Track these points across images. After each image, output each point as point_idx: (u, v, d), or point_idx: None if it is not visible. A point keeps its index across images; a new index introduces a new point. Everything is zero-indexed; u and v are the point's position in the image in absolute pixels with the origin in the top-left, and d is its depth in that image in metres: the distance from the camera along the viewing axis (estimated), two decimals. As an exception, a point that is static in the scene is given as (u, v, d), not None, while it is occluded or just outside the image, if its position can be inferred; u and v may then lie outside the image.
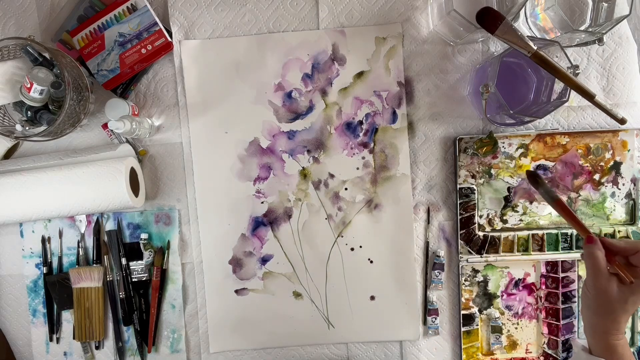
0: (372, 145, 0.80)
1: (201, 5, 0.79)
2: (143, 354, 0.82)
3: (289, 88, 0.80)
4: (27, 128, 0.73)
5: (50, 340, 0.83)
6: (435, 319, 0.81)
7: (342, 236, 0.81)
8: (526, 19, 0.74)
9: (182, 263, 0.82)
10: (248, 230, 0.81)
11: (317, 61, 0.80)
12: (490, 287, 0.81)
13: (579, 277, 0.79)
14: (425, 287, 0.82)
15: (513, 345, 0.81)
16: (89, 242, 0.82)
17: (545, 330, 0.81)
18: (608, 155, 0.78)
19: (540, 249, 0.79)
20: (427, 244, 0.81)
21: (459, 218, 0.79)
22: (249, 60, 0.80)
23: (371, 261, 0.81)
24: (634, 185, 0.78)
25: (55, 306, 0.82)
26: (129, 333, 0.83)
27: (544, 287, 0.80)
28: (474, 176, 0.79)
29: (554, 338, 0.80)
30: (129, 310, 0.81)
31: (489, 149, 0.77)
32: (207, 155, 0.81)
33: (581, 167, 0.78)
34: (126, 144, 0.80)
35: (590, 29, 0.72)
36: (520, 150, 0.79)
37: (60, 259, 0.82)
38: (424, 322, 0.81)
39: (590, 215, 0.79)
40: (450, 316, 0.82)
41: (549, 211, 0.79)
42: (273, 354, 0.83)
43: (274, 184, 0.81)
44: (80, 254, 0.82)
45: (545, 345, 0.81)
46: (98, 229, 0.82)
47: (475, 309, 0.81)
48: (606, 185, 0.79)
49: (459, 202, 0.79)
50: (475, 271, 0.81)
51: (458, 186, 0.79)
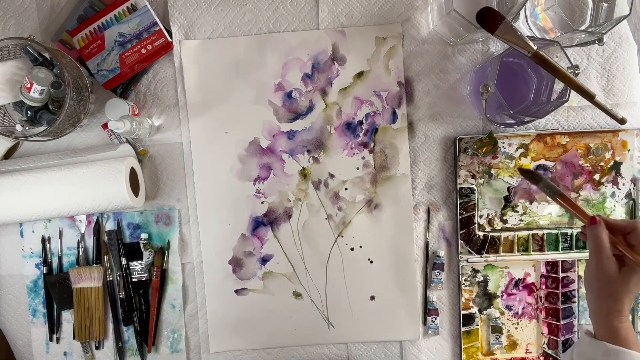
0: (372, 145, 0.80)
1: (201, 5, 0.79)
2: (143, 354, 0.82)
3: (289, 88, 0.80)
4: (27, 128, 0.73)
5: (50, 340, 0.83)
6: (435, 319, 0.81)
7: (342, 236, 0.81)
8: (526, 19, 0.74)
9: (182, 263, 0.82)
10: (248, 230, 0.81)
11: (317, 61, 0.80)
12: (490, 287, 0.81)
13: (579, 277, 0.79)
14: (425, 287, 0.82)
15: (513, 345, 0.81)
16: (89, 242, 0.82)
17: (545, 330, 0.81)
18: (608, 155, 0.78)
19: (540, 249, 0.79)
20: (427, 244, 0.81)
21: (459, 218, 0.79)
22: (249, 60, 0.80)
23: (371, 261, 0.81)
24: (634, 185, 0.78)
25: (55, 306, 0.82)
26: (129, 333, 0.83)
27: (544, 287, 0.80)
28: (474, 176, 0.79)
29: (554, 338, 0.80)
30: (129, 310, 0.81)
31: (489, 149, 0.77)
32: (207, 155, 0.81)
33: (581, 167, 0.78)
34: (126, 144, 0.80)
35: (590, 29, 0.72)
36: (520, 150, 0.79)
37: (60, 259, 0.82)
38: (424, 322, 0.81)
39: (590, 215, 0.79)
40: (450, 316, 0.82)
41: (549, 211, 0.79)
42: (273, 354, 0.83)
43: (274, 184, 0.81)
44: (80, 254, 0.82)
45: (545, 345, 0.81)
46: (98, 229, 0.82)
47: (475, 309, 0.81)
48: (606, 185, 0.79)
49: (459, 202, 0.79)
50: (475, 271, 0.81)
51: (458, 186, 0.79)
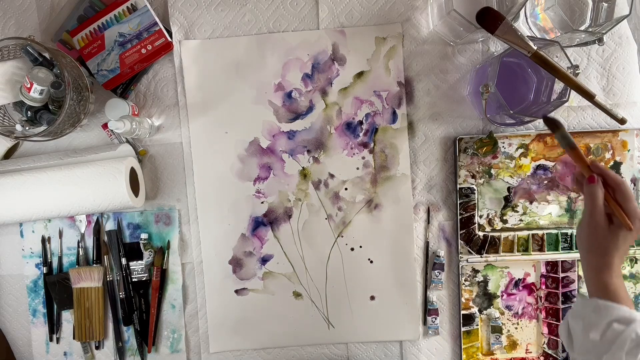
0: (372, 145, 0.80)
1: (201, 5, 0.79)
2: (143, 354, 0.82)
3: (289, 88, 0.80)
4: (27, 128, 0.73)
5: (50, 340, 0.83)
6: (435, 319, 0.81)
7: (342, 236, 0.81)
8: (526, 19, 0.74)
9: (182, 263, 0.82)
10: (248, 230, 0.81)
11: (317, 61, 0.80)
12: (490, 287, 0.81)
13: (579, 277, 0.79)
14: (425, 287, 0.82)
15: (513, 345, 0.81)
16: (89, 242, 0.82)
17: (545, 330, 0.81)
18: (608, 155, 0.78)
19: (540, 249, 0.79)
20: (427, 244, 0.81)
21: (459, 218, 0.79)
22: (249, 60, 0.80)
23: (371, 261, 0.81)
24: (634, 185, 0.78)
25: (55, 306, 0.82)
26: (129, 333, 0.83)
27: (544, 287, 0.80)
28: (474, 176, 0.79)
29: (554, 338, 0.80)
30: (129, 310, 0.81)
31: (489, 149, 0.77)
32: (207, 155, 0.81)
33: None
34: (126, 144, 0.80)
35: (590, 29, 0.72)
36: (520, 150, 0.79)
37: (60, 259, 0.82)
38: (424, 322, 0.81)
39: (590, 215, 0.79)
40: (450, 316, 0.82)
41: (549, 211, 0.79)
42: (273, 354, 0.83)
43: (274, 184, 0.81)
44: (80, 254, 0.82)
45: (545, 345, 0.81)
46: (98, 229, 0.82)
47: (475, 309, 0.81)
48: (606, 185, 0.79)
49: (459, 202, 0.79)
50: (475, 271, 0.81)
51: (458, 186, 0.79)
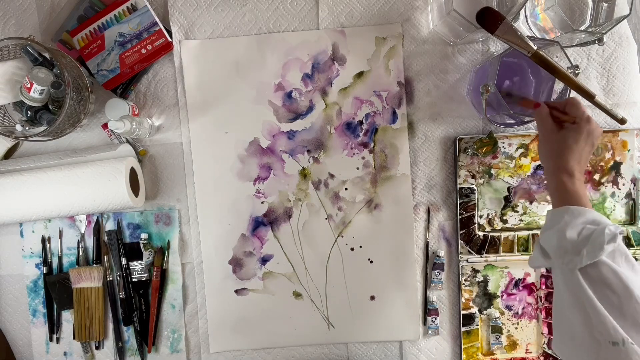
0: (372, 145, 0.80)
1: (201, 5, 0.79)
2: (143, 354, 0.82)
3: (289, 88, 0.80)
4: (27, 128, 0.73)
5: (50, 340, 0.83)
6: (435, 319, 0.81)
7: (342, 236, 0.81)
8: (526, 19, 0.74)
9: (182, 263, 0.82)
10: (248, 230, 0.81)
11: (317, 61, 0.80)
12: (490, 287, 0.81)
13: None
14: (425, 287, 0.82)
15: (513, 345, 0.81)
16: (89, 242, 0.82)
17: (545, 330, 0.81)
18: (608, 155, 0.78)
19: (540, 249, 0.79)
20: (427, 244, 0.81)
21: (459, 218, 0.79)
22: (249, 60, 0.80)
23: (371, 261, 0.81)
24: (634, 185, 0.78)
25: (55, 306, 0.82)
26: (129, 333, 0.83)
27: (544, 287, 0.80)
28: (474, 176, 0.79)
29: (554, 338, 0.80)
30: (129, 310, 0.81)
31: (489, 149, 0.77)
32: (207, 155, 0.81)
33: (581, 167, 0.78)
34: (126, 144, 0.80)
35: (590, 29, 0.72)
36: (520, 150, 0.79)
37: (60, 259, 0.82)
38: (424, 322, 0.81)
39: (590, 215, 0.79)
40: (450, 316, 0.82)
41: (549, 211, 0.79)
42: (273, 354, 0.83)
43: (274, 184, 0.81)
44: (80, 254, 0.82)
45: (545, 345, 0.81)
46: (98, 229, 0.82)
47: (475, 309, 0.81)
48: (606, 185, 0.79)
49: (459, 202, 0.79)
50: (475, 271, 0.81)
51: (458, 186, 0.79)
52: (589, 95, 0.64)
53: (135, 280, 0.81)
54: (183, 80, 0.80)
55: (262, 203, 0.81)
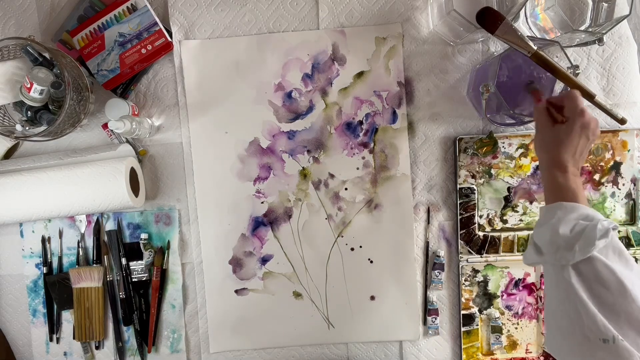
0: (372, 145, 0.80)
1: (201, 5, 0.79)
2: (143, 354, 0.82)
3: (289, 88, 0.80)
4: (27, 128, 0.73)
5: (50, 340, 0.83)
6: (435, 319, 0.81)
7: (342, 236, 0.81)
8: (526, 19, 0.74)
9: (182, 263, 0.82)
10: (248, 230, 0.81)
11: (317, 61, 0.80)
12: (490, 287, 0.81)
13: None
14: (425, 287, 0.82)
15: (513, 345, 0.81)
16: (89, 242, 0.82)
17: (545, 330, 0.81)
18: (608, 155, 0.78)
19: (540, 249, 0.79)
20: (427, 244, 0.81)
21: (459, 218, 0.79)
22: (249, 60, 0.80)
23: (371, 261, 0.81)
24: (634, 185, 0.78)
25: (55, 306, 0.82)
26: (129, 333, 0.83)
27: (544, 287, 0.80)
28: (474, 176, 0.79)
29: (554, 338, 0.80)
30: (129, 310, 0.81)
31: (489, 149, 0.77)
32: (207, 155, 0.81)
33: (581, 167, 0.78)
34: (126, 144, 0.80)
35: (590, 29, 0.72)
36: (520, 150, 0.79)
37: (60, 259, 0.82)
38: (424, 322, 0.81)
39: (590, 215, 0.79)
40: (450, 316, 0.82)
41: (549, 211, 0.79)
42: (273, 354, 0.83)
43: (274, 184, 0.81)
44: (80, 254, 0.82)
45: (545, 345, 0.81)
46: (98, 229, 0.82)
47: (475, 309, 0.81)
48: (606, 185, 0.79)
49: (459, 202, 0.79)
50: (475, 271, 0.81)
51: (458, 186, 0.79)
52: (589, 95, 0.64)
53: (135, 280, 0.81)
54: (183, 80, 0.80)
55: (262, 203, 0.81)
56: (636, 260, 0.79)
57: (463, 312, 0.80)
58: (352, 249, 0.81)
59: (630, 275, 0.50)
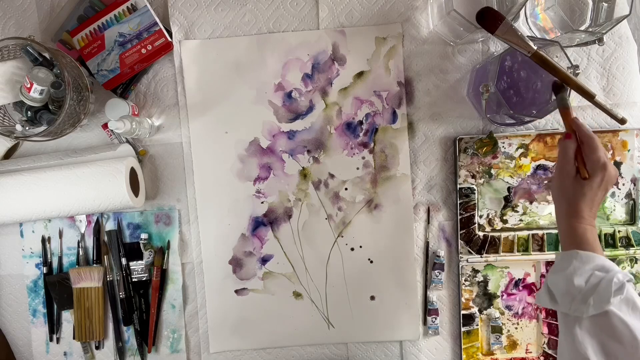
0: (372, 145, 0.80)
1: (201, 5, 0.79)
2: (143, 354, 0.82)
3: (289, 88, 0.80)
4: (27, 128, 0.73)
5: (50, 340, 0.83)
6: (435, 319, 0.81)
7: (342, 236, 0.81)
8: (526, 19, 0.74)
9: (182, 263, 0.82)
10: (248, 230, 0.81)
11: (317, 61, 0.80)
12: (490, 287, 0.81)
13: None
14: (425, 287, 0.82)
15: (513, 345, 0.81)
16: (89, 242, 0.82)
17: (545, 330, 0.81)
18: (608, 155, 0.78)
19: (540, 249, 0.79)
20: (427, 244, 0.81)
21: (459, 218, 0.79)
22: (249, 60, 0.80)
23: (371, 261, 0.81)
24: (634, 185, 0.78)
25: (55, 306, 0.82)
26: (129, 333, 0.83)
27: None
28: (474, 176, 0.79)
29: (554, 338, 0.80)
30: (129, 310, 0.81)
31: (489, 149, 0.77)
32: (207, 155, 0.81)
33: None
34: (126, 144, 0.80)
35: (590, 29, 0.72)
36: (520, 150, 0.79)
37: (60, 259, 0.82)
38: (424, 322, 0.81)
39: (590, 215, 0.79)
40: (450, 316, 0.82)
41: (549, 211, 0.79)
42: (273, 354, 0.83)
43: (274, 184, 0.81)
44: (80, 254, 0.82)
45: (545, 345, 0.81)
46: (98, 229, 0.82)
47: (475, 309, 0.81)
48: (606, 185, 0.79)
49: (459, 202, 0.79)
50: (475, 271, 0.81)
51: (458, 186, 0.79)
52: (589, 95, 0.64)
53: (135, 280, 0.81)
54: (183, 80, 0.80)
55: (262, 203, 0.81)
56: (636, 260, 0.79)
57: (463, 312, 0.80)
58: (352, 249, 0.81)
59: None
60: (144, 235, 0.81)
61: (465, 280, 0.80)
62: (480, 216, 0.80)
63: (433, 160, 0.80)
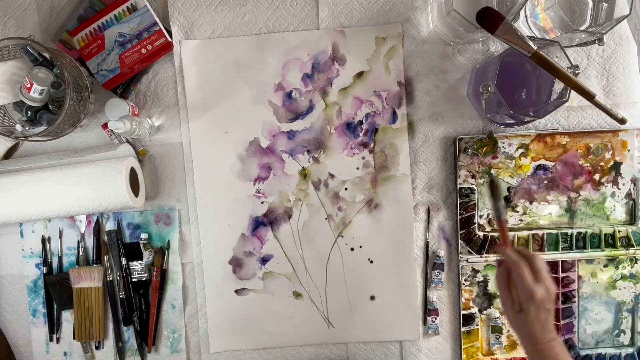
0: (372, 145, 0.80)
1: (201, 5, 0.79)
2: (143, 354, 0.82)
3: (289, 88, 0.80)
4: (27, 128, 0.73)
5: (50, 340, 0.83)
6: (435, 319, 0.81)
7: (342, 236, 0.81)
8: (526, 19, 0.74)
9: (182, 263, 0.82)
10: (248, 230, 0.81)
11: (317, 61, 0.80)
12: (490, 287, 0.81)
13: (579, 277, 0.79)
14: (425, 287, 0.82)
15: (513, 345, 0.81)
16: (89, 242, 0.82)
17: (545, 330, 0.81)
18: (608, 155, 0.78)
19: (540, 249, 0.79)
20: (427, 244, 0.81)
21: (459, 218, 0.79)
22: (249, 60, 0.80)
23: (371, 261, 0.81)
24: (634, 185, 0.78)
25: (55, 306, 0.82)
26: (129, 333, 0.83)
27: None
28: (474, 176, 0.79)
29: (554, 338, 0.80)
30: (129, 310, 0.81)
31: (489, 149, 0.77)
32: (207, 155, 0.81)
33: (581, 167, 0.78)
34: (126, 144, 0.80)
35: (590, 29, 0.72)
36: (520, 150, 0.79)
37: (60, 259, 0.82)
38: (424, 322, 0.81)
39: (590, 215, 0.79)
40: (450, 316, 0.82)
41: (549, 211, 0.79)
42: (273, 354, 0.83)
43: (274, 184, 0.81)
44: (80, 254, 0.82)
45: (545, 345, 0.81)
46: (98, 229, 0.82)
47: (475, 309, 0.81)
48: (606, 185, 0.79)
49: (459, 202, 0.79)
50: (475, 271, 0.81)
51: (458, 186, 0.79)
52: (589, 95, 0.64)
53: (135, 280, 0.81)
54: (183, 80, 0.80)
55: (262, 203, 0.81)
56: (636, 260, 0.79)
57: (463, 312, 0.80)
58: (352, 249, 0.81)
59: None
60: (144, 235, 0.81)
61: (465, 280, 0.80)
62: (480, 216, 0.80)
63: (433, 160, 0.80)
